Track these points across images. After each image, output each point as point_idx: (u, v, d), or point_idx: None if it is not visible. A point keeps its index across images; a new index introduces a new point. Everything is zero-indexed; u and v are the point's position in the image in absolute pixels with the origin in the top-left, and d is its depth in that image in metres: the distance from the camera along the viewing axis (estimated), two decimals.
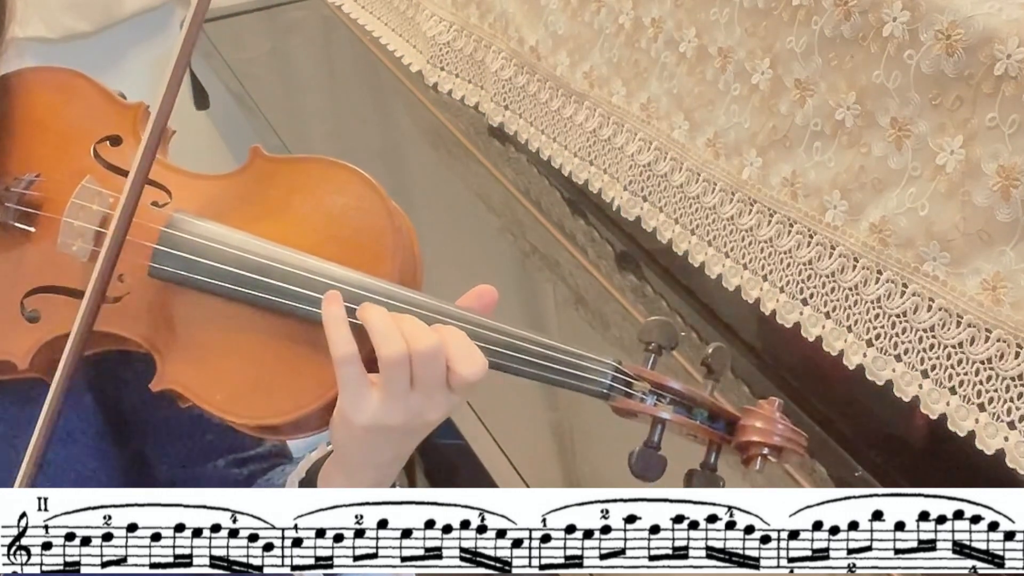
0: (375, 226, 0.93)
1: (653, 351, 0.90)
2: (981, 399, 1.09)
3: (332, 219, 0.94)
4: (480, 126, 1.90)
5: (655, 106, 1.51)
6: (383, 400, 0.85)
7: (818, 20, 1.24)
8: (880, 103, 1.18)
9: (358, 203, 0.94)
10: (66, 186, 0.95)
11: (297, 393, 0.90)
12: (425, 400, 0.85)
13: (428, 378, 0.84)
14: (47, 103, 1.02)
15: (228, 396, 0.91)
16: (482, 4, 1.90)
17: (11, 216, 0.96)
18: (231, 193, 0.98)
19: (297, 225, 0.94)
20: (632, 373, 0.89)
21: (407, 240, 0.94)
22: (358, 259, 0.92)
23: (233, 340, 0.92)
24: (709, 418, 0.89)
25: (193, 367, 0.92)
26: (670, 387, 0.89)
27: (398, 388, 0.84)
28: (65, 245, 0.94)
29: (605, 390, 0.89)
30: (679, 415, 0.89)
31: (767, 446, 0.88)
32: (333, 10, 2.35)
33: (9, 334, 0.94)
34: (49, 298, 0.95)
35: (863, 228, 1.21)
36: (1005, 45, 1.05)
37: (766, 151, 1.33)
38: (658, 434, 0.88)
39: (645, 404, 0.89)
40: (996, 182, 1.06)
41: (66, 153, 0.99)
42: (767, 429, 0.88)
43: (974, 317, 1.10)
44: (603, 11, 1.60)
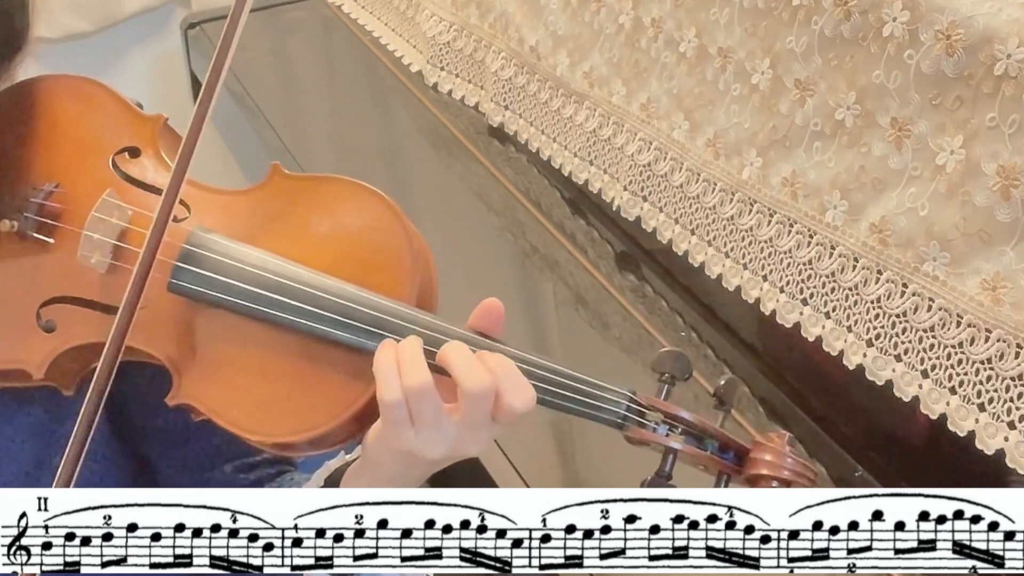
0: (394, 247, 0.94)
1: (666, 382, 0.92)
2: (981, 399, 1.09)
3: (351, 240, 0.95)
4: (480, 126, 1.90)
5: (655, 106, 1.51)
6: (421, 431, 0.85)
7: (818, 20, 1.24)
8: (880, 103, 1.18)
9: (377, 224, 0.95)
10: (85, 197, 0.96)
11: (313, 412, 0.90)
12: (469, 434, 0.86)
13: (477, 414, 0.85)
14: (66, 112, 1.03)
15: (244, 413, 0.91)
16: (482, 4, 1.90)
17: (30, 226, 0.96)
18: (250, 210, 0.98)
19: (316, 245, 0.95)
20: (646, 403, 0.91)
21: (424, 263, 0.94)
22: (376, 280, 0.92)
23: (250, 357, 0.92)
24: (720, 449, 0.91)
25: (210, 383, 0.92)
26: (682, 418, 0.91)
27: (433, 415, 0.84)
28: (85, 257, 0.94)
29: (620, 420, 0.90)
30: (690, 446, 0.91)
31: (776, 480, 0.90)
32: (333, 10, 2.35)
33: (25, 343, 0.95)
34: (66, 308, 0.95)
35: (863, 228, 1.21)
36: (1005, 45, 1.04)
37: (766, 151, 1.33)
38: (670, 464, 0.90)
39: (658, 434, 0.90)
40: (996, 182, 1.06)
41: (85, 164, 1.00)
42: (776, 463, 0.90)
43: (974, 317, 1.10)
44: (603, 11, 1.59)
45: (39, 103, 1.02)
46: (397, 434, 0.85)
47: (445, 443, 0.86)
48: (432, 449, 0.86)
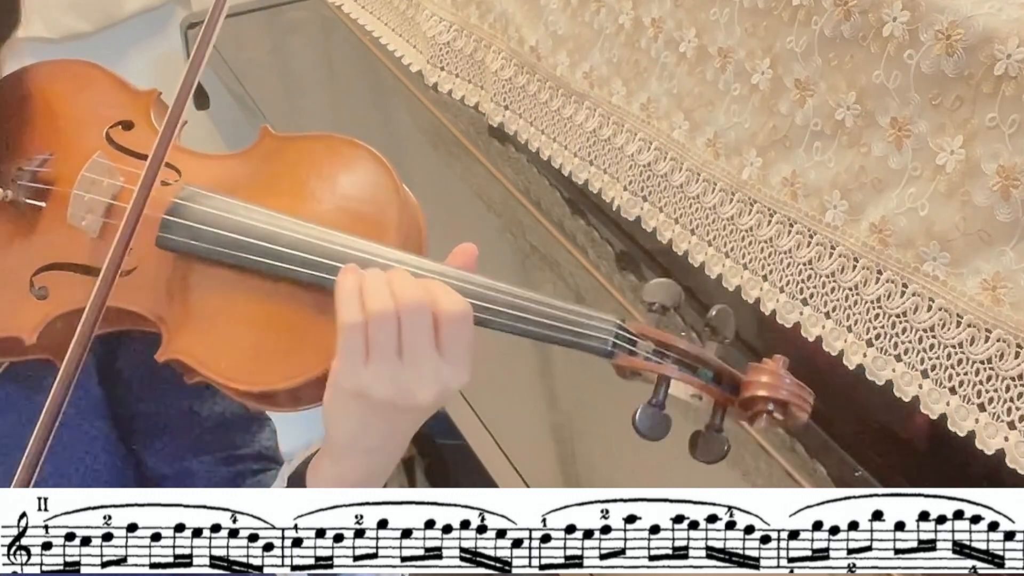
0: (381, 198, 0.95)
1: (657, 311, 0.89)
2: (981, 399, 1.09)
3: (339, 191, 0.96)
4: (480, 126, 1.90)
5: (655, 106, 1.51)
6: (374, 367, 0.83)
7: (818, 20, 1.24)
8: (880, 103, 1.18)
9: (364, 176, 0.96)
10: (78, 165, 0.96)
11: (301, 358, 0.90)
12: (413, 372, 0.84)
13: (417, 338, 0.83)
14: (61, 91, 1.04)
15: (232, 362, 0.91)
16: (482, 4, 1.90)
17: (23, 193, 0.97)
18: (240, 170, 0.99)
19: (304, 198, 0.95)
20: (636, 332, 0.88)
21: (412, 212, 0.95)
22: (363, 229, 0.92)
23: (238, 308, 0.93)
24: (715, 379, 0.88)
25: (198, 336, 0.92)
26: (675, 346, 0.87)
27: (388, 351, 0.83)
28: (76, 217, 0.95)
29: (609, 347, 0.87)
30: (684, 373, 0.87)
31: (773, 401, 0.86)
32: (333, 10, 2.35)
33: (18, 311, 0.95)
34: (58, 275, 0.96)
35: (863, 228, 1.21)
36: (1005, 45, 1.04)
37: (766, 151, 1.33)
38: (663, 392, 0.87)
39: (650, 361, 0.87)
40: (996, 182, 1.06)
41: (78, 136, 1.01)
42: (773, 384, 0.86)
43: (974, 317, 1.10)
44: (603, 11, 1.59)
45: (33, 85, 1.03)
46: (351, 369, 0.84)
47: (394, 381, 0.84)
48: (380, 386, 0.83)
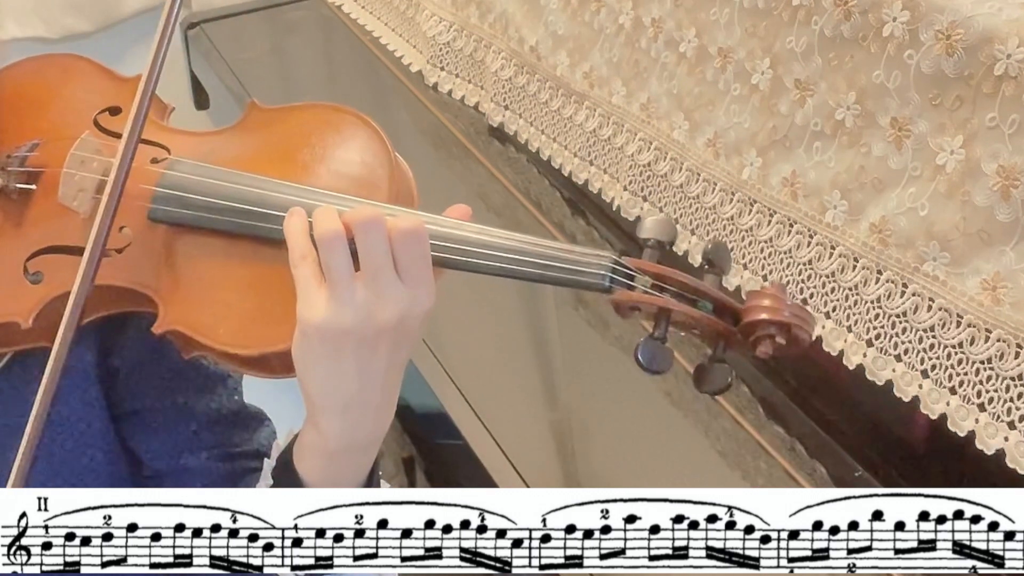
0: (370, 158, 0.95)
1: (653, 247, 0.88)
2: (981, 399, 1.09)
3: (329, 154, 0.96)
4: (480, 126, 1.90)
5: (655, 106, 1.51)
6: (331, 292, 0.83)
7: (818, 20, 1.24)
8: (880, 103, 1.18)
9: (354, 138, 0.96)
10: (67, 148, 0.97)
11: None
12: (372, 292, 0.83)
13: (371, 255, 0.83)
14: (48, 82, 1.06)
15: (229, 328, 0.91)
16: (482, 4, 1.90)
17: (13, 179, 0.97)
18: (229, 143, 1.00)
19: (295, 163, 0.96)
20: (633, 266, 0.87)
21: (403, 173, 0.96)
22: (355, 190, 0.93)
23: (233, 274, 0.93)
24: (714, 311, 0.86)
25: (194, 305, 0.93)
26: (673, 278, 0.86)
27: (341, 272, 0.83)
28: (67, 197, 0.95)
29: (606, 283, 0.86)
30: (683, 305, 0.86)
31: (775, 324, 0.85)
32: (333, 10, 2.35)
33: (13, 297, 0.95)
34: (52, 259, 0.96)
35: (863, 228, 1.21)
36: (1005, 45, 1.04)
37: (766, 151, 1.33)
38: (663, 326, 0.86)
39: (648, 295, 0.85)
40: (996, 182, 1.06)
41: (67, 123, 1.02)
42: (775, 307, 0.85)
43: (974, 317, 1.10)
44: (603, 11, 1.59)
45: (21, 78, 1.05)
46: (309, 301, 0.83)
47: (353, 306, 0.83)
48: (341, 314, 0.83)
